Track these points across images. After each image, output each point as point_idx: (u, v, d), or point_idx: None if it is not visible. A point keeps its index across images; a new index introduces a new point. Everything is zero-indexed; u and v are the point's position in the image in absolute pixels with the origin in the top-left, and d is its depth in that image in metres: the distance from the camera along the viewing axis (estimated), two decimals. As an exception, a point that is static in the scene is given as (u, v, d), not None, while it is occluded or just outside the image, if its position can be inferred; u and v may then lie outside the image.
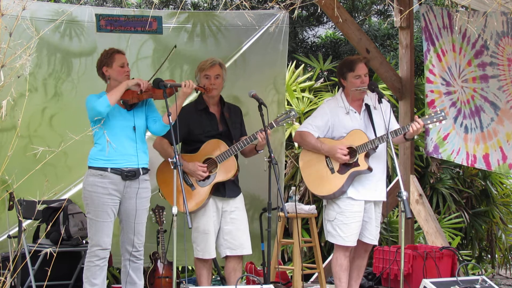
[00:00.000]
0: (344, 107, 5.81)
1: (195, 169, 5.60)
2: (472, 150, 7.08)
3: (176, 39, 6.91)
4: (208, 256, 5.66)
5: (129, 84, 5.28)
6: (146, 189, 5.45)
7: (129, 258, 5.42)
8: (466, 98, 7.14)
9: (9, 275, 4.08)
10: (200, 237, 5.64)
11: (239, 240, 5.70)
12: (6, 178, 4.45)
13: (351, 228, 5.71)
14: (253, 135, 5.63)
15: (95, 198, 5.29)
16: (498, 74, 6.89)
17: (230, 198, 5.72)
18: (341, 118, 5.79)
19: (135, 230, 5.38)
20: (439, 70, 7.16)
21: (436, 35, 7.21)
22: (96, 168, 5.31)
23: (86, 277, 5.32)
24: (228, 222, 5.71)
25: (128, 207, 5.37)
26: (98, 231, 5.29)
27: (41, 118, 6.57)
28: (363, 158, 5.70)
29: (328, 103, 5.93)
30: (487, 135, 7.00)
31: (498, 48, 6.80)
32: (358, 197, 5.73)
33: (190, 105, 5.87)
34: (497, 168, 7.00)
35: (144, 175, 5.41)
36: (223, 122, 5.78)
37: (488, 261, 9.51)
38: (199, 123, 5.71)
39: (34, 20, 6.02)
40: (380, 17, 10.56)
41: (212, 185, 5.64)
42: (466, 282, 5.53)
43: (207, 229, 5.62)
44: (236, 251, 5.70)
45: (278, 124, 5.74)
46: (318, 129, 5.81)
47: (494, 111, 6.96)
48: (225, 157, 5.63)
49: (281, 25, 7.00)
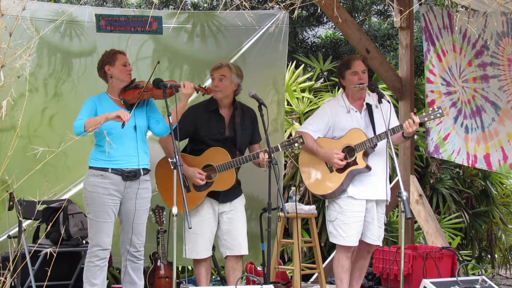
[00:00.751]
0: (345, 106, 5.81)
1: (194, 175, 5.59)
2: (472, 150, 7.08)
3: (176, 39, 6.91)
4: (195, 256, 5.66)
5: (109, 117, 5.15)
6: (147, 189, 5.45)
7: (129, 258, 5.43)
8: (466, 98, 7.14)
9: (9, 275, 4.08)
10: (189, 237, 5.61)
11: (237, 240, 5.69)
12: (6, 178, 4.45)
13: (352, 228, 5.70)
14: (256, 154, 5.61)
15: (95, 198, 5.29)
16: (499, 74, 6.89)
17: (224, 203, 5.71)
18: (342, 117, 5.79)
19: (135, 230, 5.38)
20: (439, 70, 7.16)
21: (436, 35, 7.21)
22: (97, 169, 5.31)
23: (86, 277, 5.33)
24: (226, 222, 5.70)
25: (129, 207, 5.37)
26: (98, 231, 5.29)
27: (41, 118, 6.57)
28: (361, 157, 5.69)
29: (329, 103, 5.94)
30: (488, 135, 7.00)
31: (498, 48, 6.80)
32: (358, 196, 5.71)
33: (201, 104, 5.83)
34: (498, 168, 7.00)
35: (145, 175, 5.41)
36: (231, 127, 5.73)
37: (488, 261, 9.51)
38: (206, 124, 5.68)
39: (34, 20, 6.02)
40: (380, 17, 10.57)
41: (207, 191, 5.65)
42: (466, 282, 5.52)
43: (197, 230, 5.59)
44: (234, 251, 5.69)
45: (283, 148, 5.72)
46: (318, 130, 5.80)
47: (495, 111, 6.95)
48: (226, 168, 5.61)
49: (281, 25, 7.00)
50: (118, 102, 5.40)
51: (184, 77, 6.91)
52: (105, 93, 5.46)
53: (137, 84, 5.44)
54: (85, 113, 5.30)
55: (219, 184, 5.64)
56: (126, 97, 5.39)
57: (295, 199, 6.39)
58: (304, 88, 9.01)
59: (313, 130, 5.80)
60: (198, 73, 7.02)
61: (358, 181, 5.73)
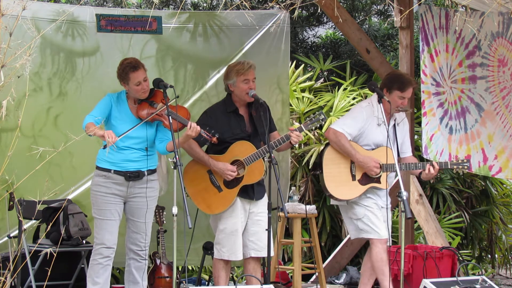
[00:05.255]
0: (377, 118, 5.81)
1: (225, 168, 5.54)
2: (454, 151, 7.08)
3: (179, 39, 6.92)
4: (235, 258, 5.61)
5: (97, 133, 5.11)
6: (152, 188, 5.47)
7: (133, 257, 5.45)
8: (453, 99, 7.14)
9: (9, 275, 4.08)
10: (226, 238, 5.58)
11: (264, 242, 5.60)
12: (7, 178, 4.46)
13: (381, 222, 5.75)
14: (286, 136, 5.60)
15: (98, 197, 5.35)
16: (487, 75, 6.89)
17: (257, 200, 5.69)
18: (373, 128, 5.80)
19: (140, 228, 5.42)
20: (431, 71, 7.16)
21: (431, 35, 7.21)
22: (101, 169, 5.36)
23: (89, 275, 5.37)
24: (255, 224, 5.67)
25: (133, 206, 5.40)
26: (101, 229, 5.33)
27: (46, 117, 6.56)
28: (385, 177, 5.77)
29: (366, 109, 5.86)
30: (470, 136, 7.01)
31: (491, 48, 6.79)
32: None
33: (218, 106, 5.79)
34: (478, 169, 7.00)
35: (150, 175, 5.43)
36: (251, 123, 5.71)
37: (488, 261, 9.50)
38: (227, 126, 5.63)
39: (36, 20, 6.05)
40: (380, 17, 10.56)
41: (239, 187, 5.60)
42: (466, 282, 5.52)
43: (235, 230, 5.57)
44: (261, 253, 5.64)
45: (307, 127, 5.73)
46: (350, 134, 5.78)
47: (478, 112, 6.96)
48: (253, 160, 5.58)
49: (282, 25, 7.01)
50: (134, 110, 5.43)
51: (188, 77, 6.94)
52: (124, 93, 5.47)
53: (153, 102, 5.42)
54: (97, 111, 5.35)
55: (250, 177, 5.61)
56: (139, 111, 5.42)
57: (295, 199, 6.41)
58: (304, 88, 9.00)
59: (348, 133, 5.78)
60: (202, 73, 7.04)
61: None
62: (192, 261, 7.24)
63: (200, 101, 6.97)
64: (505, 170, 6.83)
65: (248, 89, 5.61)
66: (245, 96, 5.63)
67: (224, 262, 5.64)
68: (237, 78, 5.64)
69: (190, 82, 7.01)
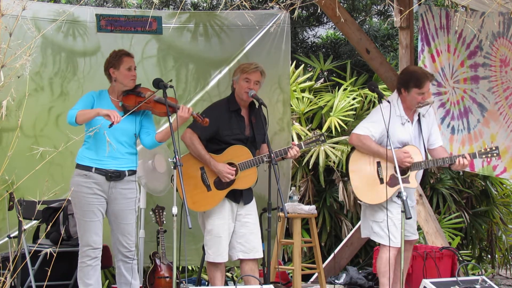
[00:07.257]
0: (400, 117, 5.78)
1: (224, 170, 5.54)
2: (456, 151, 7.08)
3: (180, 39, 6.93)
4: (221, 260, 5.61)
5: (100, 113, 5.14)
6: (132, 189, 5.39)
7: (122, 259, 5.39)
8: (456, 99, 7.15)
9: (9, 275, 4.08)
10: (212, 240, 5.59)
11: (252, 244, 5.64)
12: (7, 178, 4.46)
13: (398, 230, 5.63)
14: (284, 150, 5.61)
15: (81, 198, 5.26)
16: (489, 76, 6.89)
17: (245, 204, 5.69)
18: (396, 128, 5.74)
19: (124, 231, 5.35)
20: (432, 71, 7.14)
21: (432, 36, 7.22)
22: (82, 167, 5.29)
23: (79, 278, 5.30)
24: (243, 226, 5.67)
25: (115, 207, 5.34)
26: (86, 230, 5.26)
27: (48, 117, 6.56)
28: (414, 176, 5.72)
29: (386, 110, 5.65)
30: (474, 136, 7.01)
31: (492, 48, 6.80)
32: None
33: (222, 103, 5.79)
34: (481, 169, 7.00)
35: (130, 176, 5.37)
36: (250, 127, 5.72)
37: (488, 261, 9.51)
38: (228, 124, 5.64)
39: (36, 20, 6.06)
40: (380, 17, 10.57)
41: (228, 190, 5.59)
42: (466, 282, 5.52)
43: (220, 233, 5.58)
44: (249, 255, 5.66)
45: (307, 146, 5.74)
46: (373, 135, 5.74)
47: (481, 112, 6.96)
48: (248, 166, 5.58)
49: (282, 25, 7.01)
50: (116, 104, 5.38)
51: (190, 76, 6.94)
52: (106, 91, 5.44)
53: (140, 92, 5.40)
54: (81, 105, 5.30)
55: (241, 182, 5.61)
56: (126, 102, 5.36)
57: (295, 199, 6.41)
58: (304, 88, 9.00)
59: (372, 135, 5.74)
60: (204, 73, 7.05)
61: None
62: (192, 261, 7.25)
63: (202, 101, 6.97)
64: (509, 170, 6.84)
65: (247, 88, 5.61)
66: (244, 95, 5.63)
67: (216, 263, 5.64)
68: (240, 75, 5.67)
69: (192, 82, 7.02)
